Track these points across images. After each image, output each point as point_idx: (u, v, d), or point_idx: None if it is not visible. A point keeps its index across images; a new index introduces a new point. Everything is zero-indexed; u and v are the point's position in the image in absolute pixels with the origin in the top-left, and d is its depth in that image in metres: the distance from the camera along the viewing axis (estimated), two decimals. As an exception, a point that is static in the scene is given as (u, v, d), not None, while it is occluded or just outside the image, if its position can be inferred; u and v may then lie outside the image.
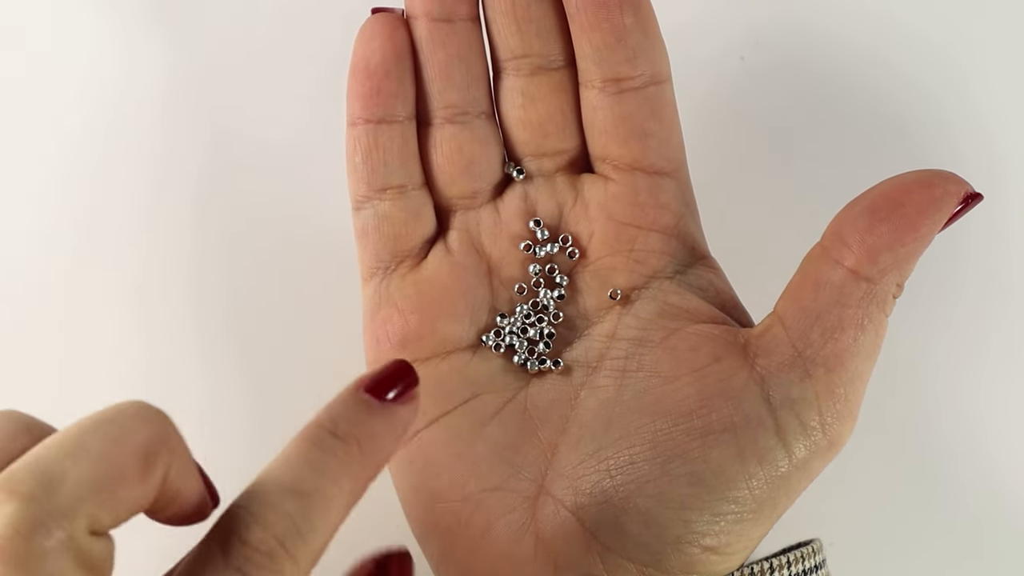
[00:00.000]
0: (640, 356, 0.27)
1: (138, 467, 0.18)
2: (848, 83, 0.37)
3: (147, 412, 0.19)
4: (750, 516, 0.25)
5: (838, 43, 0.38)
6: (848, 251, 0.25)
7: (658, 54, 0.27)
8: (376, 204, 0.28)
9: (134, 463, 0.18)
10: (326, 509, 0.19)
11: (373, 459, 0.20)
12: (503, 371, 0.28)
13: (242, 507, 0.19)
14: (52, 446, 0.18)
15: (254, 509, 0.19)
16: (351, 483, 0.20)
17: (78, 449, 0.18)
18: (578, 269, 0.29)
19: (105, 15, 0.37)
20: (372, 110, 0.28)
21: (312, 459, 0.20)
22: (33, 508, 0.17)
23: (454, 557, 0.27)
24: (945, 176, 0.24)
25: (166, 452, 0.19)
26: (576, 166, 0.29)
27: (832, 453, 0.25)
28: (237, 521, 0.19)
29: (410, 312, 0.28)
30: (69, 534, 0.17)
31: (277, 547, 0.19)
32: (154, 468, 0.19)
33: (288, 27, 0.37)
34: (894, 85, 0.37)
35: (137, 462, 0.18)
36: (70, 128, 0.36)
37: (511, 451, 0.27)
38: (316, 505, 0.19)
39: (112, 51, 0.37)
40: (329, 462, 0.20)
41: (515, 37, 0.28)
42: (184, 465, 0.20)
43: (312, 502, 0.19)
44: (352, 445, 0.20)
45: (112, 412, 0.19)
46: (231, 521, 0.19)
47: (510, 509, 0.26)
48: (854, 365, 0.25)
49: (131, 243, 0.35)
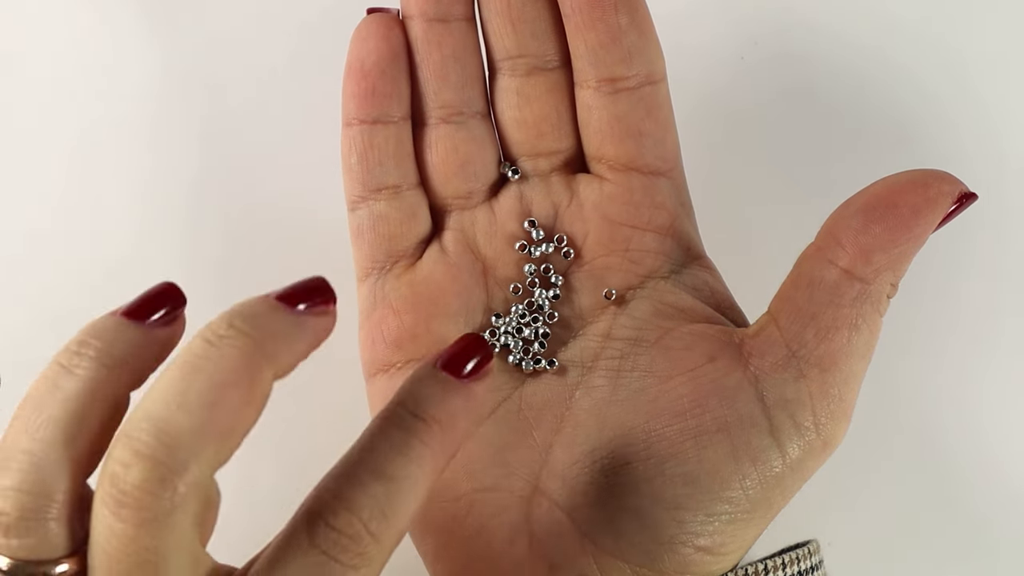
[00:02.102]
0: (635, 356, 0.27)
1: (246, 400, 0.19)
2: (846, 83, 0.37)
3: (240, 339, 0.19)
4: (744, 516, 0.25)
5: (837, 43, 0.37)
6: (842, 251, 0.24)
7: (653, 54, 0.27)
8: (371, 204, 0.28)
9: (240, 396, 0.19)
10: (411, 491, 0.19)
11: (453, 438, 0.20)
12: (498, 371, 0.28)
13: (328, 490, 0.19)
14: (160, 399, 0.18)
15: (341, 492, 0.19)
16: (433, 463, 0.20)
17: (182, 398, 0.18)
18: (573, 269, 0.29)
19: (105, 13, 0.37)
20: (367, 110, 0.28)
21: (396, 441, 0.20)
22: (160, 470, 0.18)
23: (449, 556, 0.27)
24: (939, 176, 0.24)
25: (268, 368, 0.19)
26: (571, 166, 0.29)
27: (826, 453, 0.25)
28: (323, 504, 0.19)
29: (405, 312, 0.28)
30: (193, 482, 0.18)
31: (363, 530, 0.19)
32: (259, 392, 0.19)
33: (285, 27, 0.37)
34: (892, 85, 0.37)
35: (244, 395, 0.19)
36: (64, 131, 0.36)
37: (506, 451, 0.27)
38: (403, 489, 0.19)
39: (106, 50, 0.37)
40: (413, 444, 0.20)
41: (510, 37, 0.28)
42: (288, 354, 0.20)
43: (399, 486, 0.19)
44: (434, 426, 0.20)
45: (200, 347, 0.19)
46: (317, 504, 0.19)
47: (504, 509, 0.26)
48: (848, 365, 0.25)
49: (126, 243, 0.35)
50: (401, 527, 0.19)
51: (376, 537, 0.19)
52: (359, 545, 0.19)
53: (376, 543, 0.19)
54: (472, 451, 0.27)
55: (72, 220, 0.36)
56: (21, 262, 0.35)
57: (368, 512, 0.19)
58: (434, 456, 0.20)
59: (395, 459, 0.19)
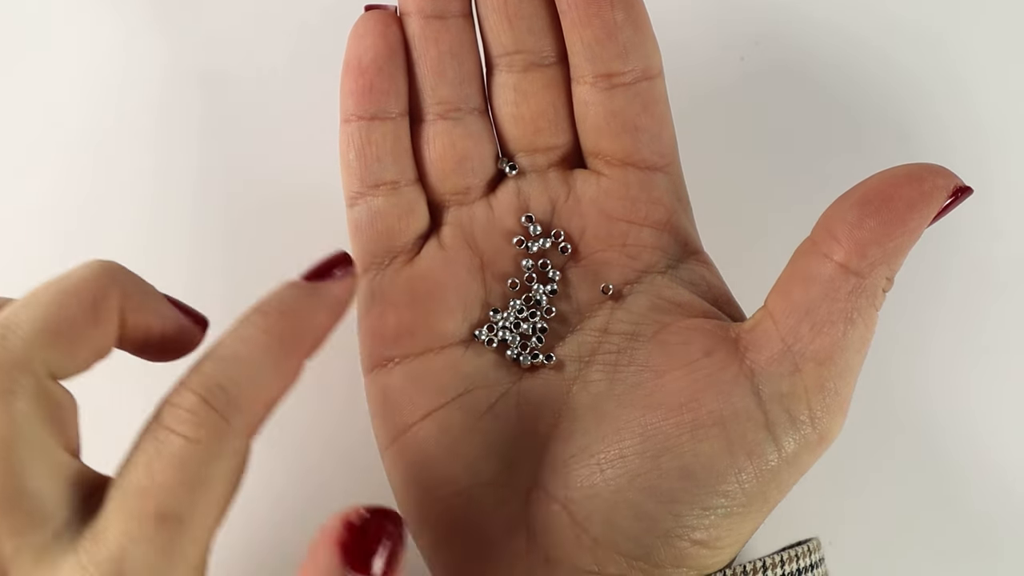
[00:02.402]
0: (632, 350, 0.27)
1: (87, 309, 0.20)
2: (845, 82, 0.37)
3: (96, 264, 0.21)
4: (740, 510, 0.25)
5: (836, 42, 0.37)
6: (837, 245, 0.24)
7: (649, 49, 0.27)
8: (369, 200, 0.28)
9: (82, 305, 0.20)
10: (247, 368, 0.21)
11: (299, 327, 0.22)
12: (496, 366, 0.28)
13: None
14: (11, 303, 0.21)
15: (182, 378, 0.21)
16: (274, 347, 0.21)
17: (31, 300, 0.20)
18: (571, 264, 0.29)
19: (106, 13, 0.37)
20: (365, 107, 0.28)
21: (231, 330, 0.21)
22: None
23: (447, 550, 0.27)
24: (934, 170, 0.24)
25: (116, 292, 0.21)
26: (568, 161, 0.29)
27: (822, 447, 0.25)
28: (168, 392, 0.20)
29: (403, 307, 0.28)
30: (28, 374, 0.19)
31: (199, 402, 0.20)
32: (104, 308, 0.21)
33: (284, 25, 0.37)
34: (891, 84, 0.37)
35: (85, 304, 0.21)
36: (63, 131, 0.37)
37: (504, 446, 0.27)
38: (235, 364, 0.21)
39: (107, 50, 0.37)
40: (248, 329, 0.21)
41: (507, 33, 0.28)
42: (142, 301, 0.22)
43: (231, 363, 0.21)
44: (271, 315, 0.21)
45: (67, 271, 0.21)
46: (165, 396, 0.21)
47: (502, 503, 0.26)
48: (844, 359, 0.25)
49: (127, 243, 0.36)
50: (244, 404, 0.20)
51: (214, 407, 0.20)
52: (197, 416, 0.20)
53: (214, 413, 0.20)
54: (471, 446, 0.27)
55: (72, 220, 0.36)
56: (22, 260, 0.36)
57: (203, 386, 0.20)
58: (274, 340, 0.21)
59: (230, 343, 0.21)
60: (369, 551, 0.20)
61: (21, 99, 0.37)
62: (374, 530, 0.20)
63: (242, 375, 0.20)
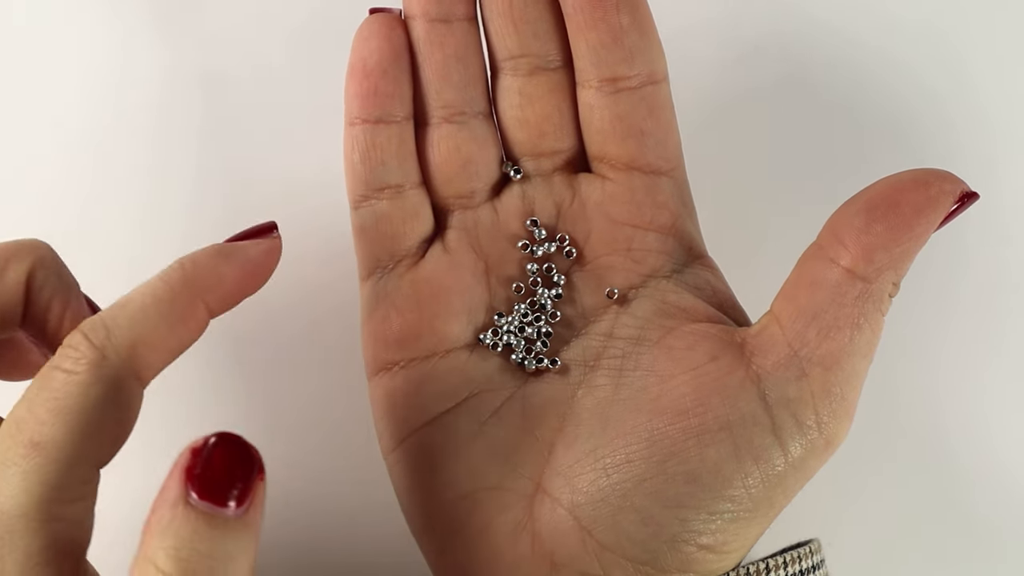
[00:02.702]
0: (637, 355, 0.27)
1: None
2: (849, 85, 0.37)
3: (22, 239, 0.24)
4: (746, 515, 0.25)
5: (837, 45, 0.37)
6: (844, 250, 0.24)
7: (655, 54, 0.27)
8: (374, 203, 0.28)
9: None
10: (133, 310, 0.22)
11: (195, 276, 0.23)
12: (501, 370, 0.28)
13: None
14: None
15: None
16: (165, 292, 0.23)
17: None
18: (575, 268, 0.29)
19: (103, 12, 0.37)
20: (369, 110, 0.28)
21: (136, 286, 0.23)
22: None
23: (451, 555, 0.27)
24: (941, 175, 0.24)
25: (26, 254, 0.24)
26: (573, 166, 0.29)
27: (828, 452, 0.25)
28: None
29: (408, 311, 0.28)
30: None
31: (81, 338, 0.21)
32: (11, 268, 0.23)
33: (288, 26, 0.37)
34: (896, 88, 0.37)
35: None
36: (63, 131, 0.36)
37: (508, 450, 0.27)
38: (123, 307, 0.22)
39: (107, 50, 0.37)
40: (148, 281, 0.23)
41: (512, 37, 0.28)
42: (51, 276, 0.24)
43: (119, 306, 0.22)
44: (172, 267, 0.23)
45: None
46: None
47: (507, 507, 0.26)
48: (850, 364, 0.25)
49: (126, 243, 0.36)
50: (129, 340, 0.22)
51: (93, 342, 0.21)
52: (76, 351, 0.21)
53: (92, 348, 0.21)
54: (476, 450, 0.27)
55: (71, 219, 0.36)
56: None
57: (89, 326, 0.22)
58: (165, 286, 0.23)
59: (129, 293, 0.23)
60: (218, 479, 0.19)
61: (21, 99, 0.37)
62: (219, 457, 0.20)
63: (126, 316, 0.22)
